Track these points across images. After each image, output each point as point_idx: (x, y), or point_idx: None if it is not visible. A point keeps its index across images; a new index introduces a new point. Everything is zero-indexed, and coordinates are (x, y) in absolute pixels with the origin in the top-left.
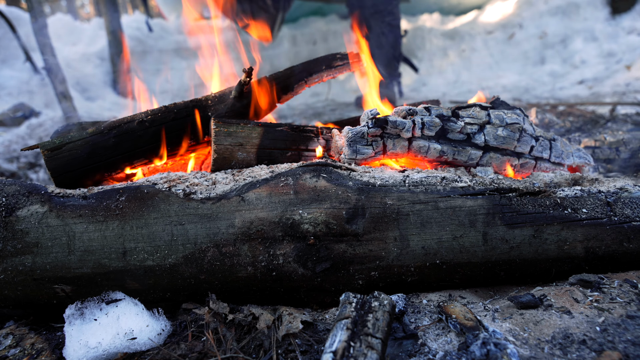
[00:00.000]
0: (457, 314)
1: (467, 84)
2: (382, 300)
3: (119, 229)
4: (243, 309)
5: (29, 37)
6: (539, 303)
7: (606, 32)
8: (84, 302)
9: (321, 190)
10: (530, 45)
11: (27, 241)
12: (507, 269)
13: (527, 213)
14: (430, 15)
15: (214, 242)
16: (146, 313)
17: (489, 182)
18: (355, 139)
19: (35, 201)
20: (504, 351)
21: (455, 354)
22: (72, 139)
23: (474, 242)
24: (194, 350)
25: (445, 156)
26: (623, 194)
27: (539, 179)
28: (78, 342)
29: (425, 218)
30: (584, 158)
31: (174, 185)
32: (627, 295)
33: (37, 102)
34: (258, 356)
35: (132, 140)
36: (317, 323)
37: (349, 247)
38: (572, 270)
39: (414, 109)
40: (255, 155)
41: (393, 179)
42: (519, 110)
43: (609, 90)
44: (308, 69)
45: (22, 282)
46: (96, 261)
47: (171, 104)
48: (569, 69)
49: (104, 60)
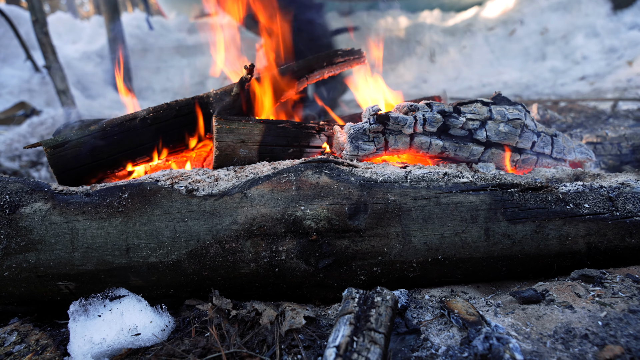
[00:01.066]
0: (460, 309)
1: (468, 80)
2: (384, 295)
3: (122, 226)
4: (246, 305)
5: (30, 35)
6: (541, 298)
7: (607, 28)
8: (87, 298)
9: (323, 187)
10: (531, 41)
11: (31, 238)
12: (509, 265)
13: (529, 208)
14: (431, 11)
15: (216, 239)
16: (150, 309)
17: (490, 177)
18: (357, 135)
19: (39, 198)
20: (506, 345)
21: (457, 349)
22: (74, 136)
23: (476, 237)
24: (198, 346)
25: (447, 152)
26: (625, 189)
27: (540, 175)
28: (82, 338)
29: (427, 214)
30: (585, 153)
31: (177, 182)
32: (629, 290)
33: (38, 100)
34: (261, 351)
35: (134, 138)
36: (320, 319)
37: (352, 243)
38: (574, 265)
39: (415, 105)
40: (257, 152)
41: (395, 175)
42: (521, 106)
43: (610, 86)
44: (309, 66)
45: (26, 279)
46: (99, 258)
47: (173, 101)
48: (570, 65)
49: (104, 59)
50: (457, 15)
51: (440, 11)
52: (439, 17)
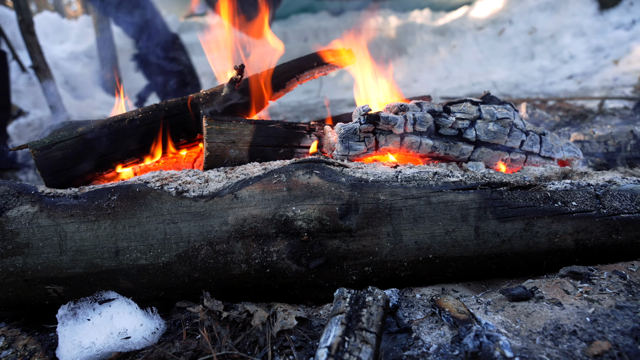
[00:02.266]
0: (450, 307)
1: (458, 79)
2: (376, 295)
3: (111, 228)
4: (237, 306)
5: (16, 35)
6: (531, 295)
7: (594, 27)
8: (76, 302)
9: (314, 187)
10: (520, 41)
11: (18, 242)
12: (498, 263)
13: (518, 207)
14: (421, 11)
15: (207, 240)
16: (140, 312)
17: (480, 176)
18: (347, 135)
19: (26, 201)
20: (496, 343)
21: (448, 347)
22: (62, 138)
23: (466, 236)
24: (189, 348)
25: (437, 151)
26: (612, 186)
27: (529, 173)
28: (71, 342)
29: (418, 213)
30: (573, 152)
31: (166, 183)
32: (616, 286)
33: (24, 101)
34: (253, 353)
35: (123, 139)
36: (312, 319)
37: (343, 243)
38: (563, 262)
39: (405, 105)
40: (248, 153)
41: (386, 175)
42: (510, 105)
43: (597, 85)
44: (299, 66)
45: (13, 283)
46: (88, 261)
47: (162, 102)
48: (558, 64)
49: (92, 59)
50: (447, 15)
51: (430, 11)
52: (429, 16)
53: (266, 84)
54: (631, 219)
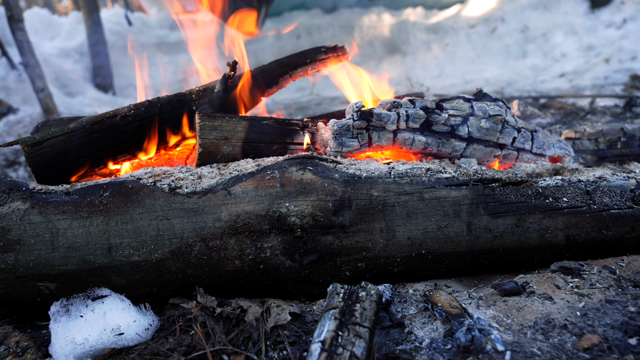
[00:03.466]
0: (443, 302)
1: (451, 77)
2: (369, 290)
3: (104, 225)
4: (231, 302)
5: (5, 31)
6: (522, 290)
7: (586, 26)
8: (69, 299)
9: (307, 183)
10: (512, 39)
11: (9, 239)
12: (490, 258)
13: (509, 202)
14: (414, 9)
15: (200, 236)
16: (133, 308)
17: (472, 172)
18: (340, 131)
19: (17, 198)
20: (488, 337)
21: (441, 341)
22: (53, 134)
23: (458, 231)
24: (183, 344)
25: (430, 148)
26: (602, 182)
27: (521, 170)
28: (64, 338)
29: (411, 209)
30: (564, 149)
31: (159, 180)
32: (606, 281)
33: (14, 98)
34: (247, 348)
35: (115, 135)
36: (305, 314)
37: (336, 239)
38: (554, 257)
39: (398, 102)
40: (241, 149)
41: (379, 171)
42: (502, 102)
43: (588, 83)
44: (292, 63)
45: (4, 281)
46: (81, 257)
47: (155, 98)
48: (550, 63)
49: (83, 55)
50: (440, 13)
51: (423, 9)
52: (422, 14)
53: (259, 80)
54: (621, 215)
